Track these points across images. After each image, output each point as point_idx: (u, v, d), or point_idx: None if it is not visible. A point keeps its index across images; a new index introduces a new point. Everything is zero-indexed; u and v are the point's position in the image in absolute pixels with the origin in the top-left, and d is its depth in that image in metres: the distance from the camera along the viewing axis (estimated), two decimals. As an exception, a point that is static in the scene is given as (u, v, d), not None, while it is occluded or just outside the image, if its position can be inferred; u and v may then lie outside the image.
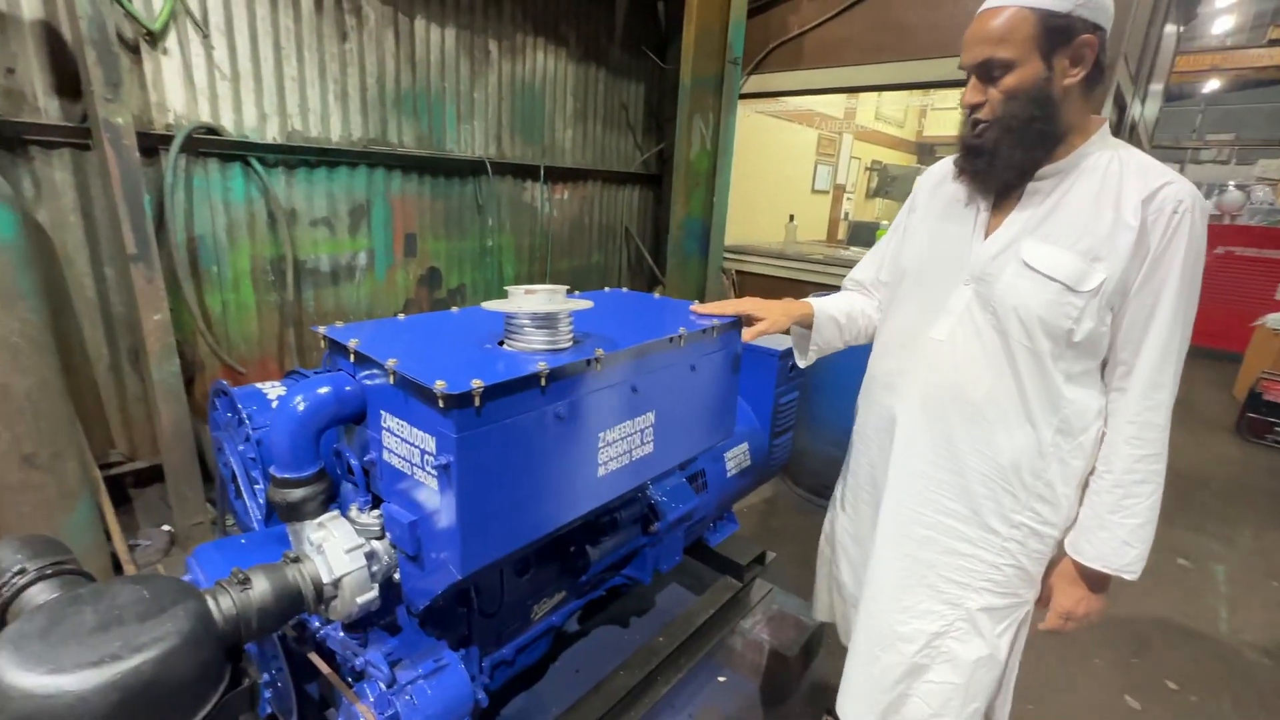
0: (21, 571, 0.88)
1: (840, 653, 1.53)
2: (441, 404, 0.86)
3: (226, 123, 2.79)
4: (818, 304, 1.51)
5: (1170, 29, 6.45)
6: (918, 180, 1.42)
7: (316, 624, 1.20)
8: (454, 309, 1.36)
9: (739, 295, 4.98)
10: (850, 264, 4.34)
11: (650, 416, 1.24)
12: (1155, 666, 2.48)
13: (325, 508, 1.06)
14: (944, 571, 1.24)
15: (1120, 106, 4.31)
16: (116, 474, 2.76)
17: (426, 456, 0.94)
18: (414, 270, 3.69)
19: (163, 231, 2.62)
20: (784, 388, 2.44)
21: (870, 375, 1.45)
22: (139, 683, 0.76)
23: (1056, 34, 1.01)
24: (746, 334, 1.42)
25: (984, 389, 1.15)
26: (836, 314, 1.50)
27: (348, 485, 1.13)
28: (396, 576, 1.10)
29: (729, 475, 2.27)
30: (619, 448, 1.18)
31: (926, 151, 8.47)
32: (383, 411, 1.02)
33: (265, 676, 1.33)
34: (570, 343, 1.10)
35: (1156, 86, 6.46)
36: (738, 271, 4.95)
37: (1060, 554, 1.22)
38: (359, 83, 3.19)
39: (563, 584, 1.68)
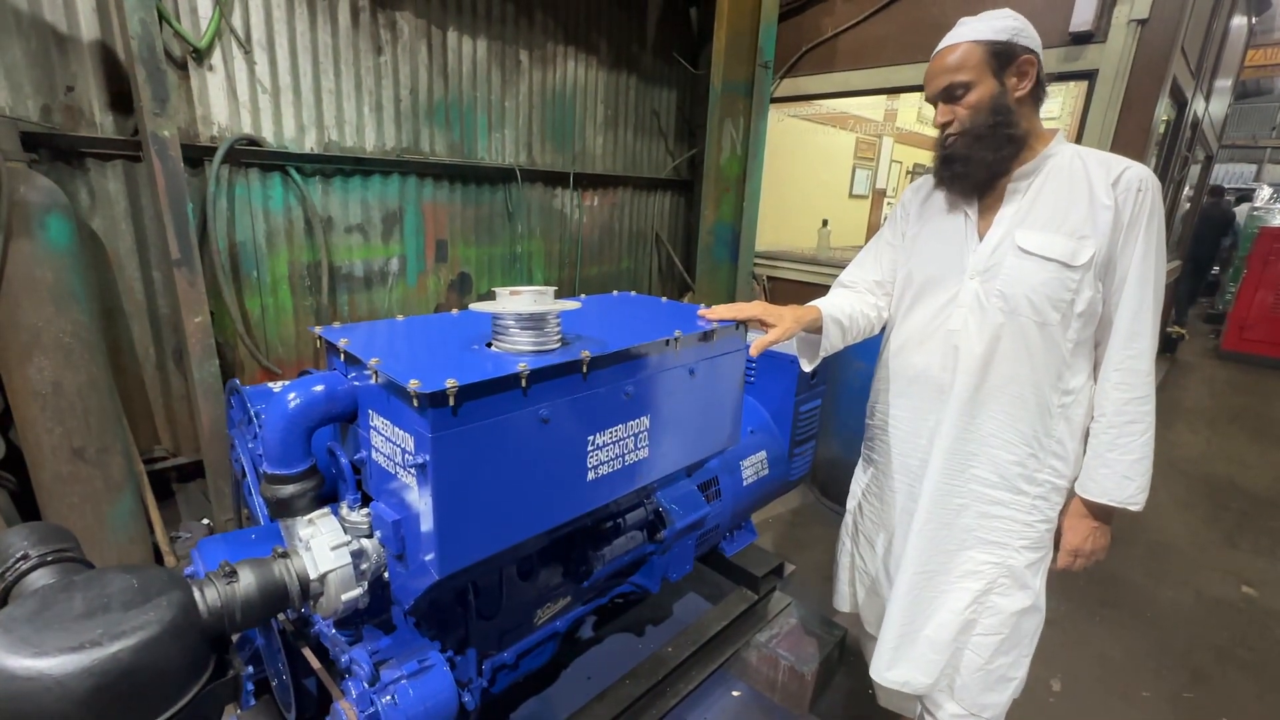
0: (24, 557, 0.92)
1: (859, 671, 1.52)
2: (416, 403, 0.86)
3: (267, 134, 2.92)
4: (825, 310, 1.54)
5: (1239, 21, 6.05)
6: (903, 196, 1.58)
7: (317, 619, 1.22)
8: (454, 311, 1.37)
9: (769, 300, 4.90)
10: (885, 270, 4.23)
11: (645, 421, 1.22)
12: (1211, 702, 2.29)
13: (316, 505, 1.07)
14: (982, 534, 1.39)
15: (1179, 103, 4.06)
16: (160, 469, 2.90)
17: (406, 455, 0.94)
18: (445, 275, 3.77)
19: (205, 238, 2.75)
20: (805, 395, 2.37)
21: (892, 371, 1.54)
22: (116, 669, 0.78)
23: (1002, 56, 1.23)
24: (755, 345, 1.44)
25: (1001, 366, 1.31)
26: (841, 317, 1.54)
27: (341, 483, 1.14)
28: (387, 575, 1.10)
29: (745, 484, 2.22)
30: (610, 452, 1.16)
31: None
32: (370, 410, 1.03)
33: (272, 669, 1.36)
34: (559, 344, 1.09)
35: (1224, 82, 6.07)
36: (769, 277, 4.87)
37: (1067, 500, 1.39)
38: (393, 94, 3.29)
39: (567, 589, 1.67)
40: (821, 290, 4.73)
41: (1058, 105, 7.26)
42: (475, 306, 1.04)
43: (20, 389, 2.24)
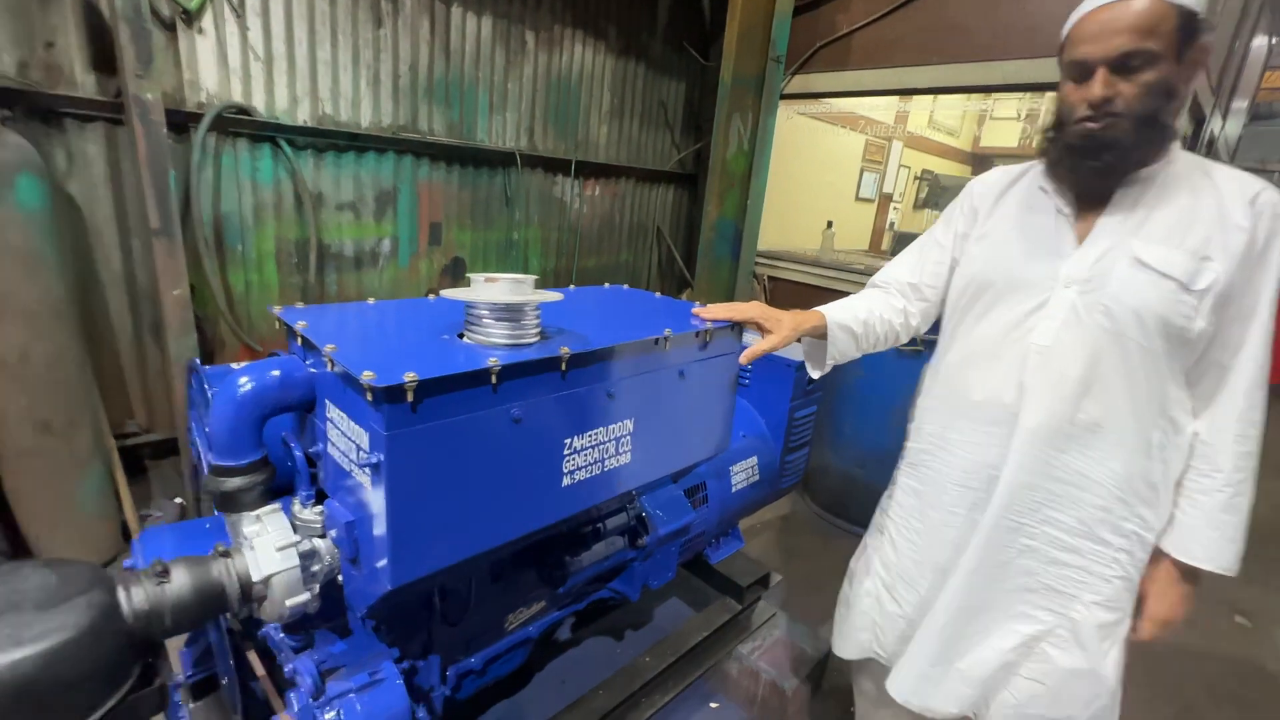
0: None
1: (843, 688, 1.41)
2: (370, 397, 0.78)
3: (258, 103, 2.81)
4: (830, 314, 1.43)
5: (1261, 41, 5.96)
6: (970, 190, 1.37)
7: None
8: (431, 296, 1.28)
9: (770, 301, 4.82)
10: (889, 275, 4.15)
11: (628, 424, 1.14)
12: (1201, 737, 2.23)
13: (266, 499, 0.99)
14: (1047, 579, 1.21)
15: (1197, 120, 3.97)
16: (134, 445, 2.81)
17: (361, 453, 0.86)
18: (438, 259, 3.67)
19: (189, 208, 2.65)
20: (800, 400, 2.29)
21: (951, 388, 1.33)
22: (14, 680, 0.70)
23: (1189, 33, 1.00)
24: (746, 354, 1.34)
25: (1098, 393, 1.12)
26: (851, 323, 1.42)
27: (296, 477, 1.06)
28: (341, 578, 1.02)
29: (734, 490, 2.15)
30: (588, 456, 1.08)
31: (981, 163, 8.08)
32: (326, 400, 0.94)
33: (222, 668, 1.28)
34: (536, 338, 1.01)
35: (1240, 103, 5.98)
36: (770, 277, 4.78)
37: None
38: (391, 69, 3.18)
39: (540, 594, 1.59)
40: (823, 293, 4.65)
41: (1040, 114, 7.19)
42: (446, 293, 0.96)
43: (-16, 355, 2.15)
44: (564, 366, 0.97)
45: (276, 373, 0.97)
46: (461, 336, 1.00)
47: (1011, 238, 1.24)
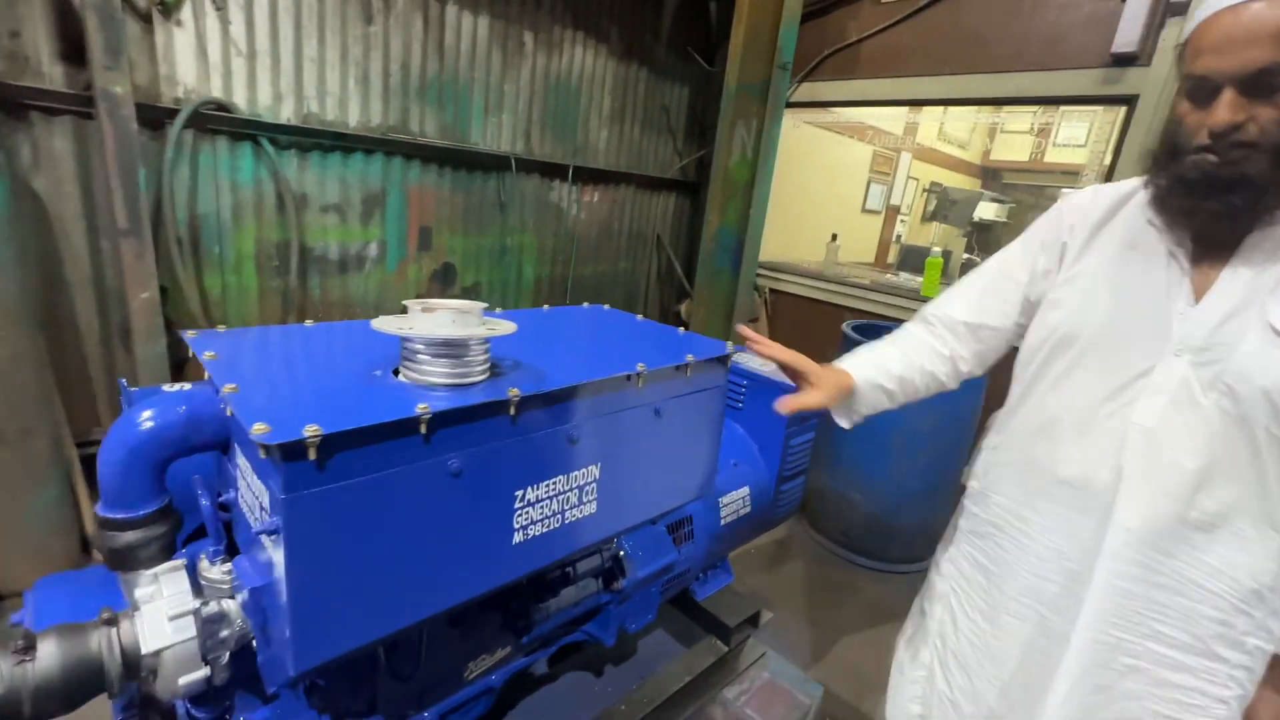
0: None
1: None
2: (264, 453, 0.65)
3: (239, 100, 2.70)
4: (861, 373, 1.29)
5: (1282, 57, 5.81)
6: (1059, 214, 1.15)
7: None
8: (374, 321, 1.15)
9: (771, 314, 4.69)
10: (899, 290, 4.02)
11: (593, 470, 1.01)
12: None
13: (167, 554, 0.86)
14: (1152, 704, 1.02)
15: None
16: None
17: (263, 512, 0.72)
18: (427, 264, 3.55)
19: (163, 208, 2.53)
20: (797, 428, 2.15)
21: (1028, 458, 1.15)
22: None
23: None
24: (787, 405, 1.21)
25: (1218, 489, 0.93)
26: (884, 381, 1.29)
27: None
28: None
29: (723, 523, 2.01)
30: (546, 509, 0.95)
31: (991, 176, 7.93)
32: (235, 444, 0.81)
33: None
34: (484, 376, 0.87)
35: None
36: (772, 290, 4.65)
37: None
38: (381, 68, 3.07)
39: (504, 641, 1.45)
40: (825, 308, 4.48)
41: (1082, 131, 7.02)
42: (377, 324, 0.82)
43: (-68, 360, 2.03)
44: (514, 410, 0.83)
45: (183, 409, 0.84)
46: (397, 373, 0.86)
47: (1108, 282, 1.03)
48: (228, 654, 0.87)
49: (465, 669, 1.44)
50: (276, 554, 0.70)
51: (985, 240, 6.65)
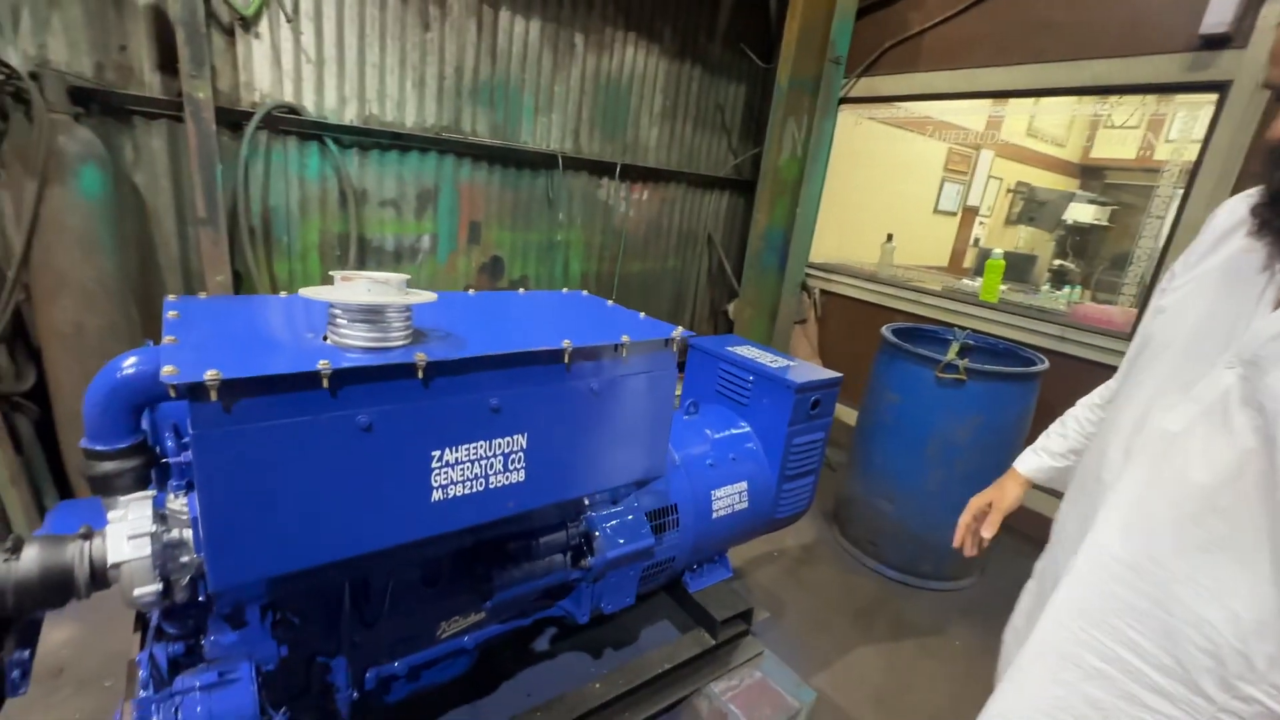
0: None
1: None
2: (172, 393, 0.75)
3: (308, 104, 2.97)
4: (1027, 469, 1.49)
5: None
6: (1210, 221, 1.07)
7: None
8: (303, 290, 1.25)
9: (820, 316, 4.56)
10: (956, 294, 3.80)
11: (520, 439, 1.06)
12: None
13: (141, 485, 0.99)
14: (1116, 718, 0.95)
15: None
16: (182, 416, 3.03)
17: (187, 451, 0.83)
18: (476, 257, 3.74)
19: (240, 200, 2.84)
20: (802, 425, 2.11)
21: (1087, 460, 1.17)
22: None
23: None
24: (989, 526, 1.41)
25: (1228, 511, 0.85)
26: (1052, 461, 1.43)
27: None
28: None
29: (715, 517, 2.00)
30: (466, 471, 1.01)
31: (1092, 176, 7.28)
32: (188, 393, 0.93)
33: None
34: (405, 342, 0.95)
35: None
36: (823, 291, 4.52)
37: None
38: (437, 71, 3.28)
39: (473, 604, 1.54)
40: (879, 311, 4.35)
41: (1202, 125, 6.31)
42: (305, 292, 0.92)
43: (46, 326, 2.39)
44: (422, 374, 0.90)
45: (159, 361, 0.97)
46: (326, 338, 0.96)
47: (1209, 290, 0.96)
48: (187, 577, 1.00)
49: (438, 628, 1.54)
50: (195, 485, 0.81)
51: (1082, 245, 6.13)
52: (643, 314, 1.34)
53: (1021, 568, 1.36)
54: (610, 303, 1.48)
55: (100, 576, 0.92)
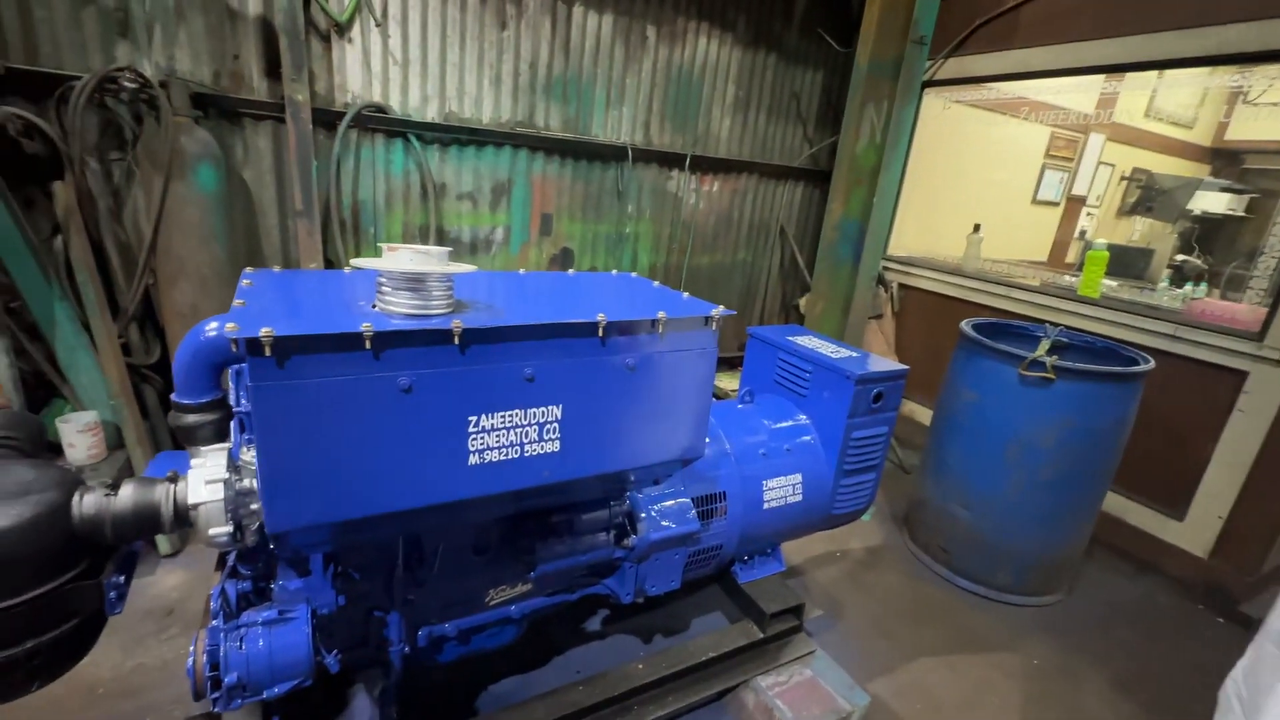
0: (-28, 438, 1.05)
1: None
2: (235, 348, 0.83)
3: (394, 103, 3.17)
4: None
5: None
6: None
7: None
8: (353, 260, 1.33)
9: (898, 311, 4.35)
10: (1049, 289, 3.51)
11: (554, 410, 1.09)
12: None
13: (220, 437, 1.11)
14: None
15: None
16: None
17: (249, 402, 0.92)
18: (547, 249, 3.85)
19: (332, 194, 3.07)
20: (862, 419, 2.03)
21: None
22: (-39, 549, 0.85)
23: None
24: None
25: None
26: None
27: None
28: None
29: (765, 507, 1.96)
30: (502, 438, 1.05)
31: (1226, 160, 6.47)
32: (257, 354, 1.03)
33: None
34: (445, 310, 1.00)
35: None
36: (902, 285, 4.31)
37: None
38: (512, 68, 3.40)
39: (519, 575, 1.59)
40: (962, 306, 4.12)
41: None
42: (355, 262, 0.99)
43: (168, 307, 2.69)
44: (458, 340, 0.95)
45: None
46: (375, 306, 1.02)
47: None
48: (256, 523, 1.10)
49: (486, 595, 1.61)
50: (254, 435, 0.89)
51: (1211, 238, 5.48)
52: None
53: (1116, 587, 1.22)
54: (656, 284, 1.48)
55: (182, 515, 1.03)
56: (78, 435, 2.30)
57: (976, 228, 4.15)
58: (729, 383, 4.30)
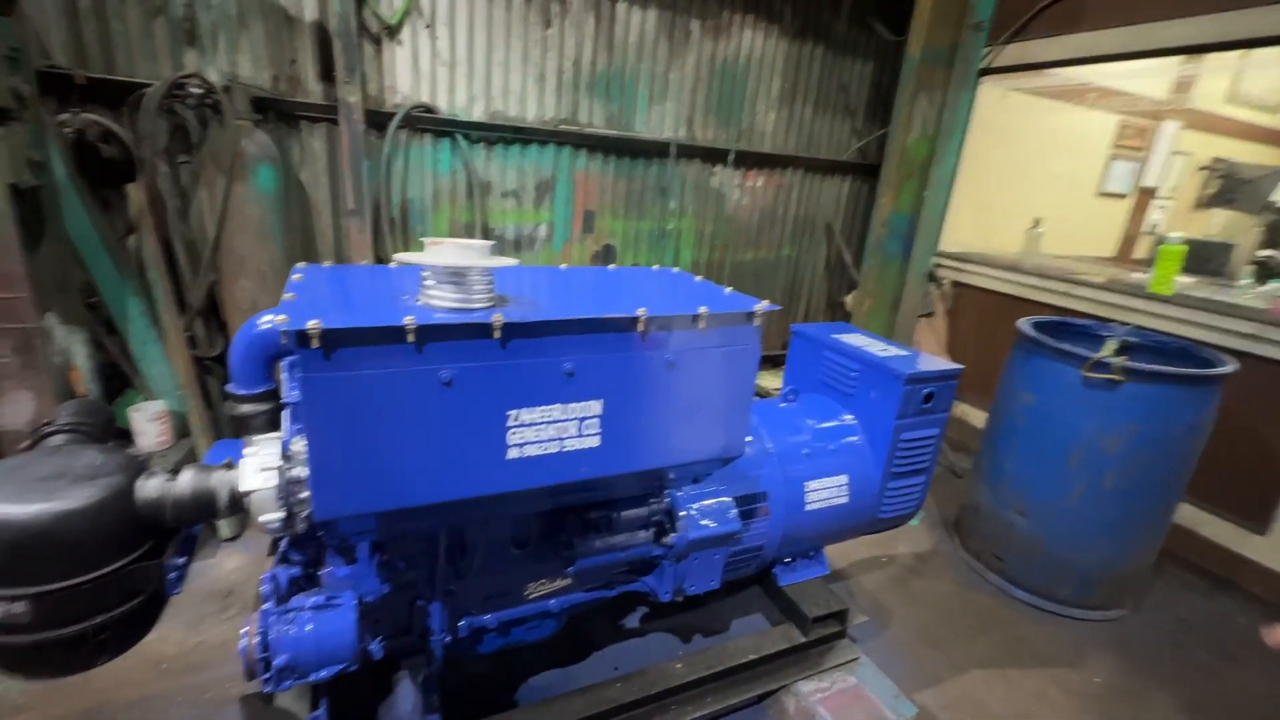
0: (50, 423, 1.11)
1: None
2: (284, 339, 0.85)
3: (441, 103, 3.23)
4: None
5: None
6: None
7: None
8: (397, 255, 1.35)
9: (951, 309, 4.18)
10: (1117, 286, 3.32)
11: (594, 406, 1.08)
12: None
13: (273, 427, 1.14)
14: None
15: None
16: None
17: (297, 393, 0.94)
18: (590, 246, 3.87)
19: (382, 193, 3.16)
20: (912, 420, 1.95)
21: None
22: (35, 528, 0.91)
23: None
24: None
25: None
26: None
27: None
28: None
29: (807, 508, 1.91)
30: (541, 433, 1.05)
31: (1321, 147, 5.97)
32: (306, 346, 1.05)
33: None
34: (486, 304, 1.00)
35: None
36: (954, 282, 4.14)
37: None
38: (556, 66, 3.42)
39: (557, 569, 1.60)
40: (1020, 304, 3.95)
41: None
42: (398, 257, 1.00)
43: (230, 303, 2.81)
44: (498, 334, 0.95)
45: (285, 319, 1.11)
46: (419, 300, 1.04)
47: None
48: (306, 510, 1.13)
49: (526, 588, 1.62)
50: (302, 424, 0.91)
51: (1301, 233, 5.07)
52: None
53: (1188, 604, 1.15)
54: (698, 278, 1.46)
55: (236, 501, 1.07)
56: (147, 423, 2.43)
57: (1036, 222, 3.95)
58: (771, 381, 4.23)
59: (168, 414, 2.49)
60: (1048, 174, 4.77)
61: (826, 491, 1.93)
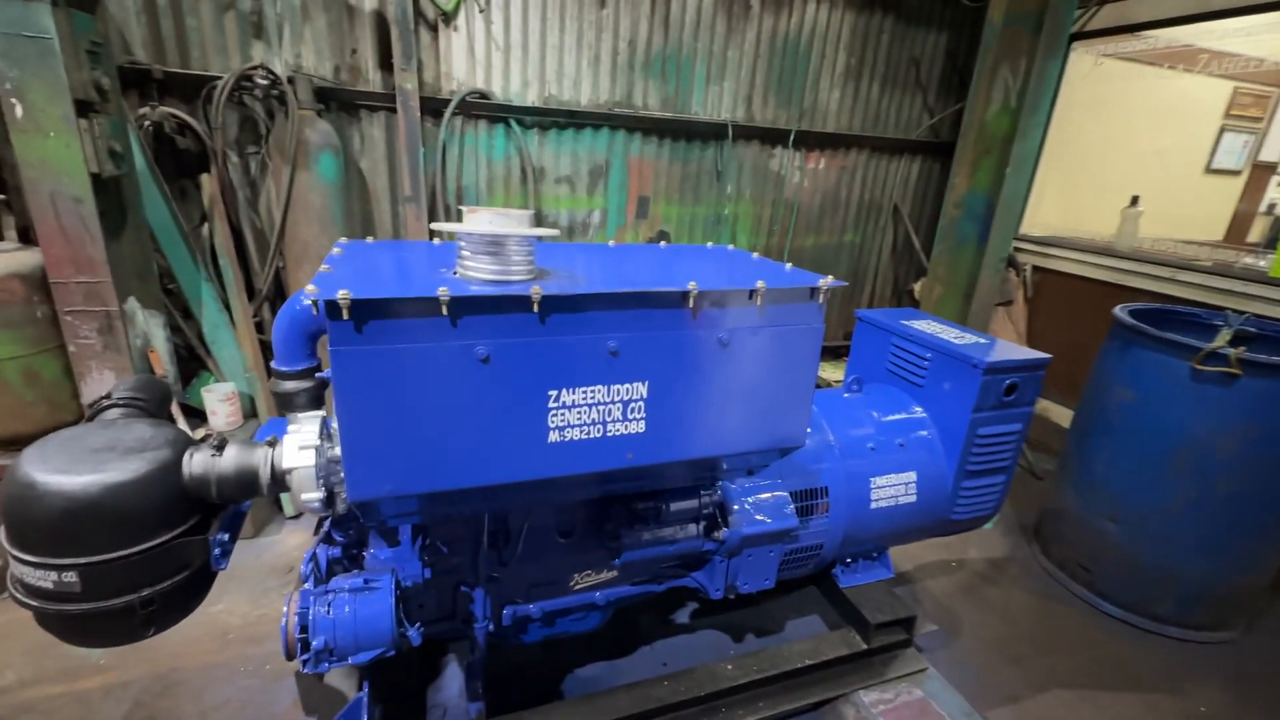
0: (107, 396, 1.13)
1: None
2: (315, 310, 0.81)
3: (496, 89, 3.22)
4: None
5: None
6: None
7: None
8: (432, 224, 1.30)
9: (1030, 297, 3.87)
10: (1232, 271, 2.96)
11: (640, 388, 1.01)
12: None
13: (316, 405, 1.12)
14: None
15: None
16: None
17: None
18: (644, 232, 3.79)
19: (438, 180, 3.18)
20: (990, 414, 1.78)
21: None
22: (84, 499, 0.91)
23: None
24: None
25: None
26: None
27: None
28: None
29: (872, 506, 1.78)
30: (584, 415, 0.99)
31: None
32: (344, 322, 1.02)
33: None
34: (526, 276, 0.94)
35: None
36: (1036, 268, 3.83)
37: None
38: (611, 47, 3.34)
39: (604, 561, 1.53)
40: (1115, 291, 3.66)
41: None
42: (435, 226, 0.95)
43: (294, 288, 2.89)
44: (537, 308, 0.89)
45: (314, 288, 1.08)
46: (455, 273, 0.98)
47: None
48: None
49: (571, 579, 1.57)
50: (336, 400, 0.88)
51: None
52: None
53: None
54: (756, 255, 1.36)
55: (279, 479, 1.06)
56: (219, 404, 2.53)
57: (1134, 200, 3.59)
58: (833, 374, 4.04)
59: (237, 395, 2.59)
60: (1147, 149, 4.34)
61: (894, 489, 1.79)
